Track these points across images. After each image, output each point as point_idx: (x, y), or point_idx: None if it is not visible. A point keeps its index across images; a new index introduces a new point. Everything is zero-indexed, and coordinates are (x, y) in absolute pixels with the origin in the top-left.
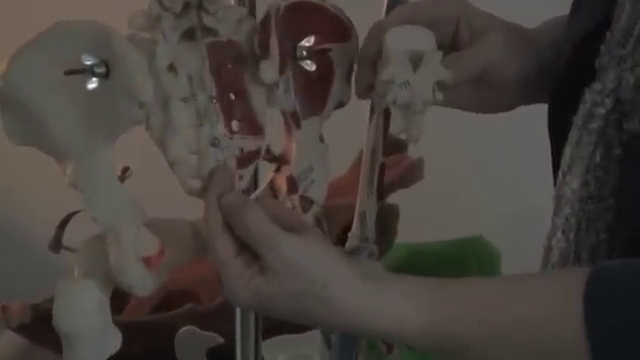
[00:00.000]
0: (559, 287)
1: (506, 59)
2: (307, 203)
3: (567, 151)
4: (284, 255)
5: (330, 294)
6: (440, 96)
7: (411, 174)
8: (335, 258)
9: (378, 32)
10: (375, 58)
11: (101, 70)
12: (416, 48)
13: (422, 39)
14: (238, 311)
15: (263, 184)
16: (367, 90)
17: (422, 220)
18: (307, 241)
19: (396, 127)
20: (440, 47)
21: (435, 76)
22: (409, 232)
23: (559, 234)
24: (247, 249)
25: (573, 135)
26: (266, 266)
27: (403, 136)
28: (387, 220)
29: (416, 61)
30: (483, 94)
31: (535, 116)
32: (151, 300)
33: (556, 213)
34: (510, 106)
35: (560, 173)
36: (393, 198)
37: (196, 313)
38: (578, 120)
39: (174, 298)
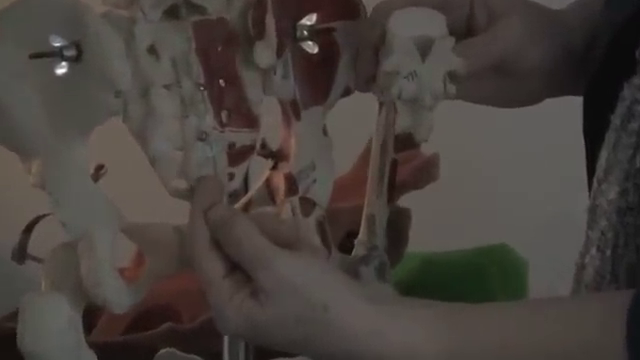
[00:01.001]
0: (595, 313)
1: (528, 45)
2: (309, 206)
3: (603, 155)
4: (278, 274)
5: (331, 317)
6: (452, 89)
7: (425, 173)
8: (336, 278)
9: (380, 15)
10: (377, 45)
11: (72, 53)
12: (424, 34)
13: (431, 23)
14: None
15: (258, 184)
16: (368, 82)
17: (437, 226)
18: (304, 259)
19: (402, 124)
20: (452, 32)
21: (446, 66)
22: (422, 239)
23: (593, 250)
24: (238, 269)
25: (610, 136)
26: (259, 288)
27: (414, 134)
28: (398, 226)
29: (424, 49)
30: (503, 85)
31: (570, 110)
32: (125, 318)
33: (590, 226)
34: (535, 99)
35: (595, 180)
36: (404, 201)
37: (177, 333)
38: (616, 119)
39: (151, 315)
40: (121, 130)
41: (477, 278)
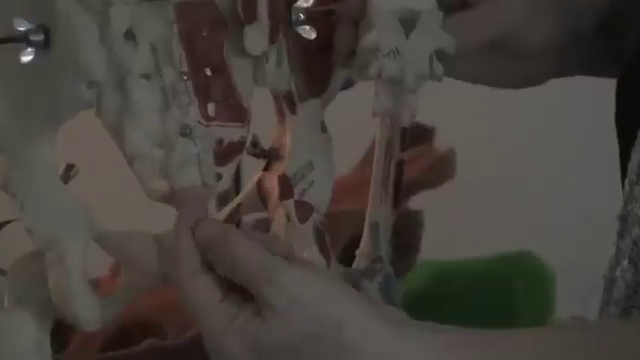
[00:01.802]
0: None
1: (532, 22)
2: (305, 210)
3: (636, 154)
4: (287, 290)
5: (346, 338)
6: (439, 69)
7: (439, 171)
8: (349, 294)
9: None
10: (357, 18)
11: (39, 38)
12: (409, 7)
13: None
14: None
15: (248, 186)
16: (348, 59)
17: (453, 231)
18: (313, 271)
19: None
20: (442, 5)
21: (433, 43)
22: (437, 246)
23: (625, 262)
24: (234, 290)
25: None
26: (264, 306)
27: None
28: (408, 231)
29: (409, 24)
30: (500, 65)
31: (603, 103)
32: (101, 335)
33: (621, 235)
34: (537, 80)
35: (627, 183)
36: (415, 203)
37: (160, 351)
38: None
39: (131, 331)
40: (94, 125)
41: (498, 289)
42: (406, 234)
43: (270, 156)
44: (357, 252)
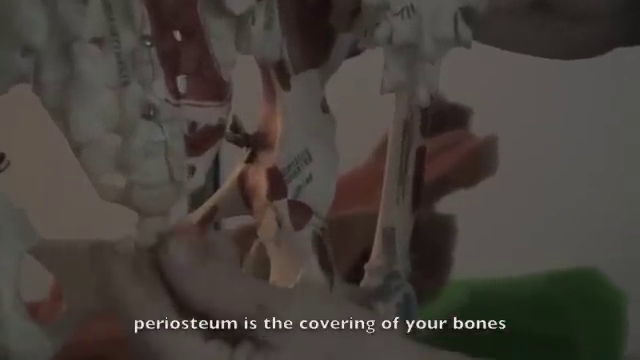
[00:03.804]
0: None
1: None
2: (302, 214)
3: None
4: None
5: None
6: (466, 33)
7: (476, 165)
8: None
9: None
10: None
11: None
12: None
13: None
14: None
15: (227, 182)
16: (351, 20)
17: (493, 242)
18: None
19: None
20: None
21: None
22: (471, 262)
23: None
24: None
25: None
26: (262, 345)
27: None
28: (435, 242)
29: None
30: (547, 29)
31: None
32: None
33: None
34: (595, 50)
35: None
36: (446, 205)
37: None
38: None
39: None
40: (31, 104)
41: (550, 317)
42: (433, 245)
43: (256, 144)
44: (366, 266)
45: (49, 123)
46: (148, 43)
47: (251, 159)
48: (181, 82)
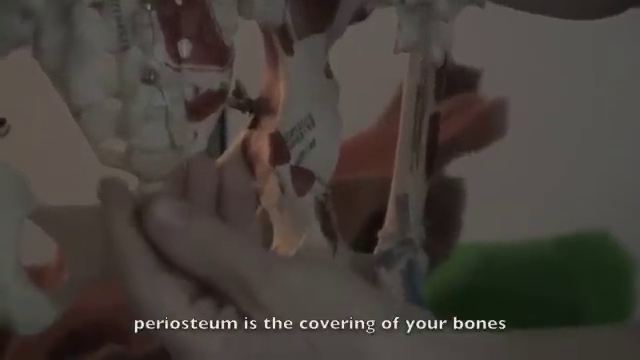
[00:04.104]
0: None
1: None
2: (304, 179)
3: None
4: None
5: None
6: None
7: (484, 128)
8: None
9: None
10: None
11: None
12: None
13: None
14: None
15: (230, 148)
16: None
17: (502, 206)
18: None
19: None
20: None
21: None
22: (480, 226)
23: None
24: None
25: None
26: (255, 310)
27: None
28: (446, 205)
29: None
30: None
31: None
32: (48, 340)
33: None
34: (612, 8)
35: None
36: (455, 168)
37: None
38: None
39: (84, 337)
40: (31, 68)
41: (559, 279)
42: (442, 208)
43: (259, 109)
44: (379, 233)
45: (49, 86)
46: (148, 7)
47: (254, 124)
48: (182, 46)
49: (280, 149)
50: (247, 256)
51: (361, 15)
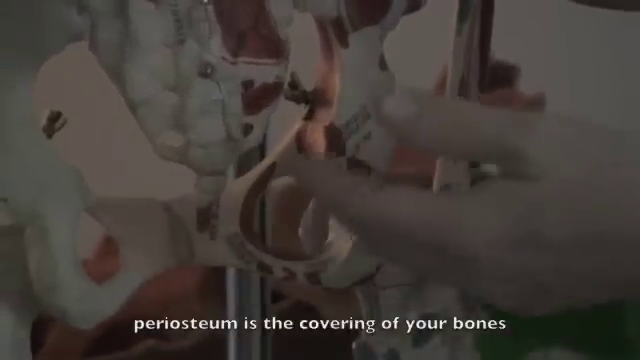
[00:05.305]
0: None
1: None
2: (360, 171)
3: None
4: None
5: None
6: None
7: None
8: None
9: None
10: None
11: None
12: None
13: None
14: (232, 347)
15: (285, 140)
16: None
17: None
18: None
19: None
20: None
21: None
22: None
23: None
24: None
25: None
26: (518, 164)
27: None
28: None
29: None
30: None
31: None
32: (86, 334)
33: None
34: None
35: None
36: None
37: (161, 354)
38: None
39: (124, 330)
40: (87, 62)
41: None
42: None
43: (314, 101)
44: None
45: (106, 80)
46: (205, 1)
47: (309, 116)
48: (238, 40)
49: (336, 141)
50: (500, 117)
51: (414, 5)
